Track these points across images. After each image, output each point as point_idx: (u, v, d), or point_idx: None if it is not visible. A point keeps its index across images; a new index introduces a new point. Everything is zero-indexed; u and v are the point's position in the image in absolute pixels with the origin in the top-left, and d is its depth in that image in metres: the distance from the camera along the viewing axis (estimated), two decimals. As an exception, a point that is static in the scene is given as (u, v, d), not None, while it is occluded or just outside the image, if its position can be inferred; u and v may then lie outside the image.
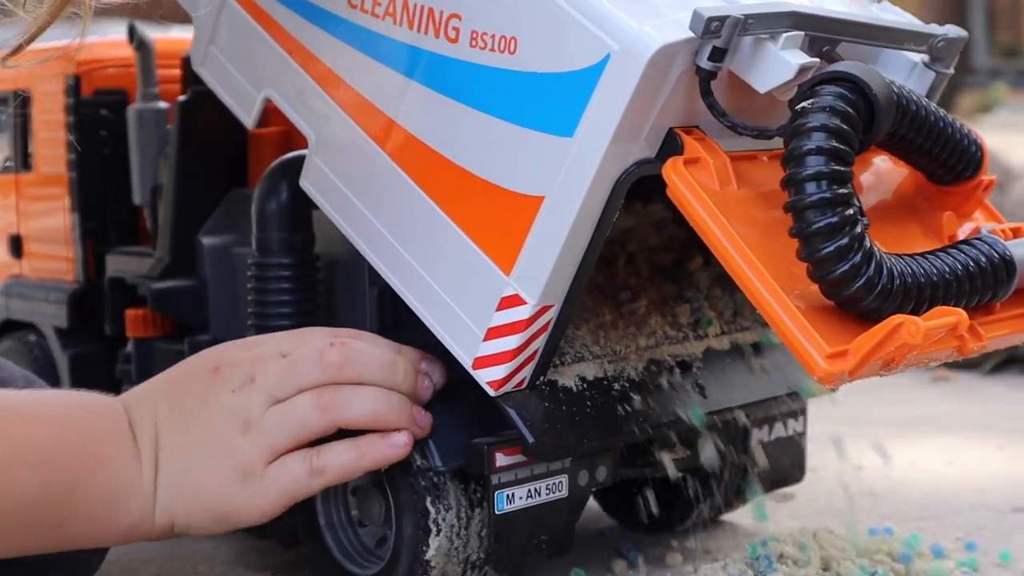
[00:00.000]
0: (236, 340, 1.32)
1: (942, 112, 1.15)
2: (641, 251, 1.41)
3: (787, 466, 1.50)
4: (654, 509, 1.41)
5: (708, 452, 1.34)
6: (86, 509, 1.19)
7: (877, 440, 1.96)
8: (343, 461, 1.23)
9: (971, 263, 1.11)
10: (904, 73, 1.21)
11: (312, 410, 1.22)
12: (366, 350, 1.25)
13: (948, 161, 1.18)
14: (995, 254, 1.13)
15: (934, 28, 1.21)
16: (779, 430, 1.47)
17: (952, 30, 1.21)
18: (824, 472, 1.83)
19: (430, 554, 1.24)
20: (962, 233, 1.22)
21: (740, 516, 1.62)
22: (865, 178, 1.23)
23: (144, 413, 1.26)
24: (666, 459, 1.35)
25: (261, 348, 1.28)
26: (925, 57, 1.21)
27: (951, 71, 1.21)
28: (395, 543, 1.27)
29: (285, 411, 1.23)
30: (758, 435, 1.45)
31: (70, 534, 1.20)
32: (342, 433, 1.24)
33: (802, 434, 1.50)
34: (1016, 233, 1.20)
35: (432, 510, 1.24)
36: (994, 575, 1.42)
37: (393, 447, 1.23)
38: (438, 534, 1.24)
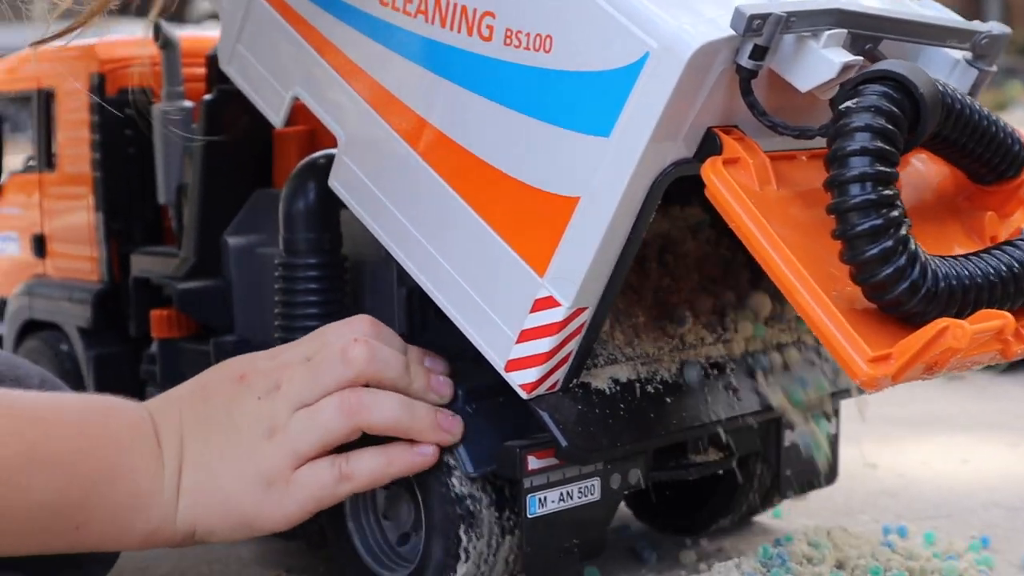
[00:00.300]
0: (261, 351, 1.31)
1: (987, 111, 1.13)
2: (676, 253, 1.40)
3: (819, 468, 1.48)
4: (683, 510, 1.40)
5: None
6: (103, 514, 1.19)
7: (869, 444, 1.98)
8: (371, 468, 1.22)
9: (1015, 264, 1.09)
10: (946, 70, 1.19)
11: (336, 414, 1.21)
12: (387, 349, 1.24)
13: (991, 160, 1.16)
14: (1038, 255, 1.11)
15: (977, 25, 1.20)
16: (812, 432, 1.46)
17: (996, 27, 1.19)
18: (839, 470, 1.82)
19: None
20: (1004, 233, 1.20)
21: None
22: (905, 177, 1.21)
23: (170, 420, 1.25)
24: (698, 461, 1.34)
25: (285, 356, 1.27)
26: (967, 54, 1.19)
27: (994, 68, 1.19)
28: (422, 561, 1.26)
29: (310, 416, 1.22)
30: (790, 437, 1.43)
31: (87, 537, 1.19)
32: (367, 440, 1.23)
33: (835, 435, 1.49)
34: (1058, 234, 1.18)
35: (464, 538, 1.23)
36: (1008, 573, 1.41)
37: (422, 456, 1.22)
38: (467, 561, 1.23)
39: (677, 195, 1.30)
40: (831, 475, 1.51)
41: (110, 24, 1.43)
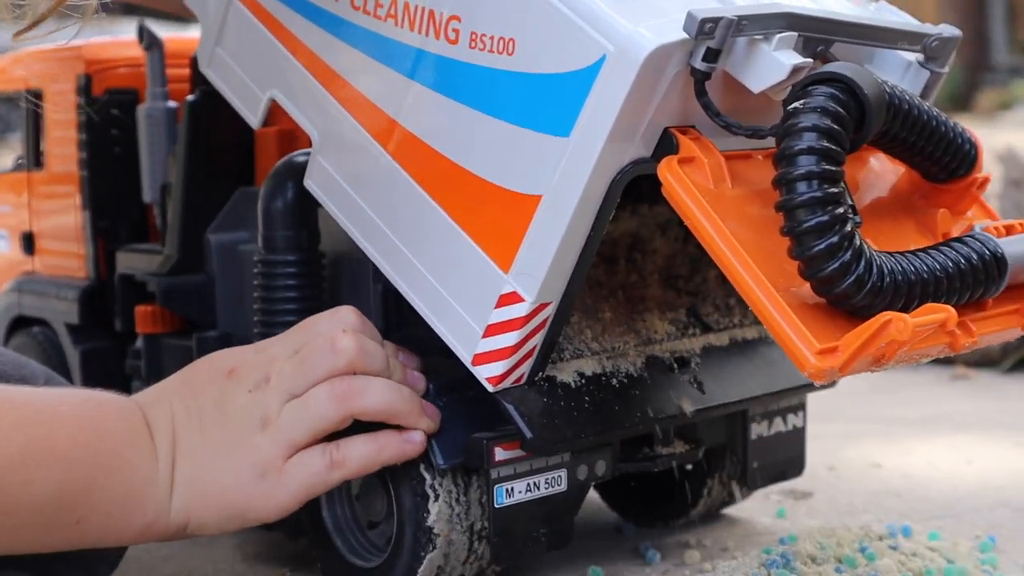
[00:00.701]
0: (247, 345, 1.34)
1: (935, 111, 1.16)
2: (644, 250, 1.43)
3: (786, 460, 1.51)
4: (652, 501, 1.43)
5: None
6: (103, 508, 1.21)
7: (874, 444, 1.99)
8: (362, 454, 1.25)
9: (962, 260, 1.13)
10: (899, 72, 1.22)
11: (328, 401, 1.24)
12: (372, 342, 1.27)
13: (942, 159, 1.19)
14: (987, 251, 1.14)
15: (928, 28, 1.23)
16: (779, 425, 1.49)
17: (947, 29, 1.22)
18: (843, 470, 1.83)
19: (426, 562, 1.26)
20: (957, 230, 1.23)
21: (758, 514, 1.63)
22: (861, 176, 1.24)
23: (160, 413, 1.27)
24: (664, 453, 1.37)
25: (273, 349, 1.30)
26: (920, 56, 1.22)
27: (946, 70, 1.22)
28: (393, 549, 1.29)
29: (301, 405, 1.25)
30: (757, 430, 1.46)
31: (86, 532, 1.21)
32: (357, 429, 1.26)
33: (802, 429, 1.52)
34: (1009, 230, 1.21)
35: (433, 527, 1.26)
36: (1014, 573, 1.42)
37: (411, 443, 1.25)
38: (434, 549, 1.26)
39: (648, 194, 1.34)
40: (798, 468, 1.54)
41: (100, 25, 1.46)
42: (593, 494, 1.61)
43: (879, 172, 1.25)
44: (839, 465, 1.86)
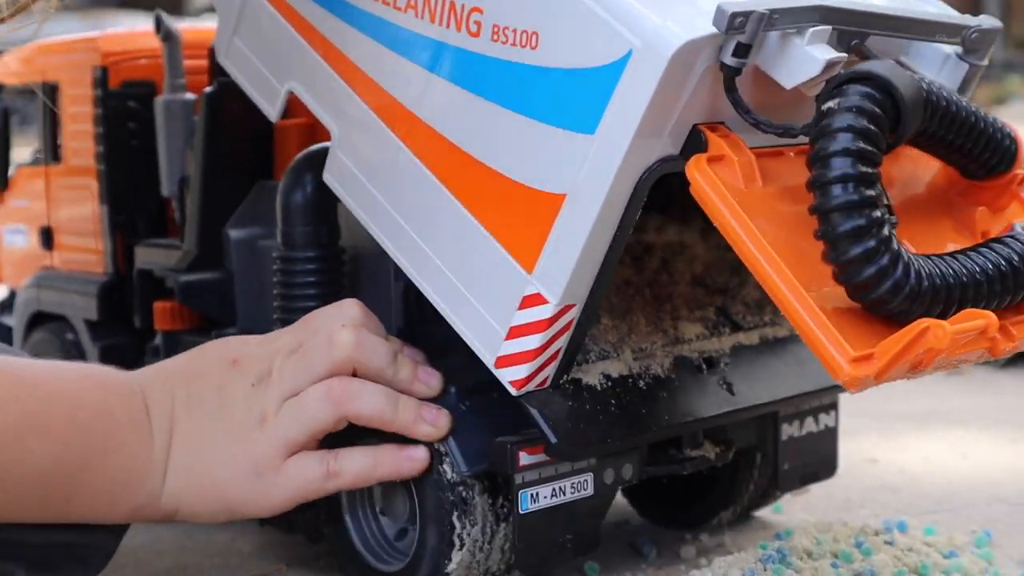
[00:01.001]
0: (255, 335, 1.32)
1: (974, 106, 1.12)
2: (672, 248, 1.40)
3: (818, 461, 1.48)
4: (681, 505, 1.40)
5: None
6: (95, 486, 1.20)
7: (870, 439, 1.97)
8: (359, 468, 1.23)
9: (1003, 262, 1.09)
10: (937, 65, 1.18)
11: (323, 402, 1.22)
12: (374, 337, 1.25)
13: (981, 156, 1.15)
14: (1028, 252, 1.10)
15: (967, 19, 1.18)
16: (810, 425, 1.45)
17: (986, 21, 1.17)
18: (839, 465, 1.80)
19: (451, 568, 1.24)
20: (996, 229, 1.19)
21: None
22: (896, 173, 1.20)
23: (161, 396, 1.25)
24: (693, 456, 1.34)
25: (279, 342, 1.28)
26: (958, 49, 1.18)
27: (985, 63, 1.18)
28: (417, 552, 1.27)
29: (298, 405, 1.23)
30: (788, 431, 1.43)
31: (76, 510, 1.20)
32: (360, 438, 1.24)
33: (834, 428, 1.48)
34: (1051, 229, 1.17)
35: (458, 525, 1.23)
36: (1010, 569, 1.40)
37: (410, 460, 1.23)
38: (461, 548, 1.23)
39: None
40: (831, 468, 1.50)
41: (117, 17, 1.44)
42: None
43: (915, 169, 1.21)
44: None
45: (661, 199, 1.33)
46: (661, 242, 1.40)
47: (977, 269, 1.07)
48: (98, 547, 1.26)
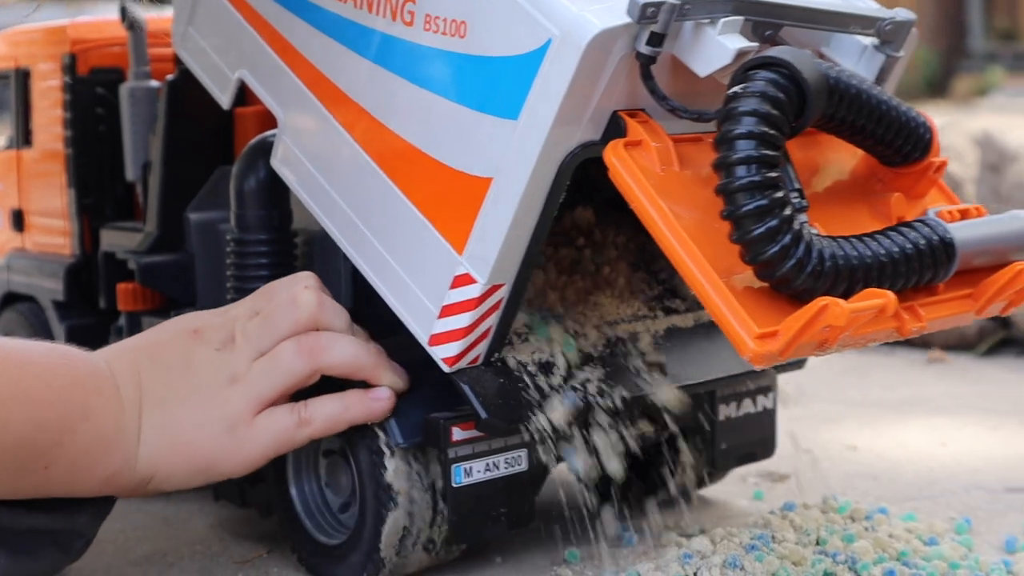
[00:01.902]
0: (210, 309, 1.36)
1: (886, 95, 1.16)
2: (604, 232, 1.43)
3: (756, 441, 1.51)
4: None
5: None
6: (72, 453, 1.22)
7: (850, 427, 1.98)
8: (329, 413, 1.27)
9: (909, 245, 1.12)
10: (855, 56, 1.22)
11: (295, 356, 1.26)
12: (332, 300, 1.30)
13: (895, 143, 1.18)
14: (935, 236, 1.14)
15: (882, 11, 1.22)
16: (748, 406, 1.49)
17: (900, 13, 1.21)
18: (819, 453, 1.83)
19: (388, 539, 1.28)
20: (912, 214, 1.22)
21: (735, 496, 1.63)
22: (818, 160, 1.24)
23: (126, 367, 1.28)
24: (627, 434, 1.37)
25: (236, 310, 1.32)
26: (875, 40, 1.22)
27: (901, 54, 1.21)
28: (357, 526, 1.31)
29: (270, 361, 1.27)
30: (726, 411, 1.46)
31: (53, 478, 1.22)
32: (326, 389, 1.28)
33: (772, 410, 1.52)
34: (964, 215, 1.21)
35: (395, 498, 1.27)
36: (989, 555, 1.41)
37: (377, 400, 1.26)
38: (398, 521, 1.28)
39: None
40: (769, 448, 1.54)
41: (101, 4, 1.48)
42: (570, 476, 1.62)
43: (837, 156, 1.25)
44: (815, 448, 1.85)
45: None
46: (599, 227, 1.44)
47: (883, 251, 1.10)
48: (78, 533, 1.28)
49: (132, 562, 1.44)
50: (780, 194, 1.04)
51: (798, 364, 1.46)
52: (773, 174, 1.04)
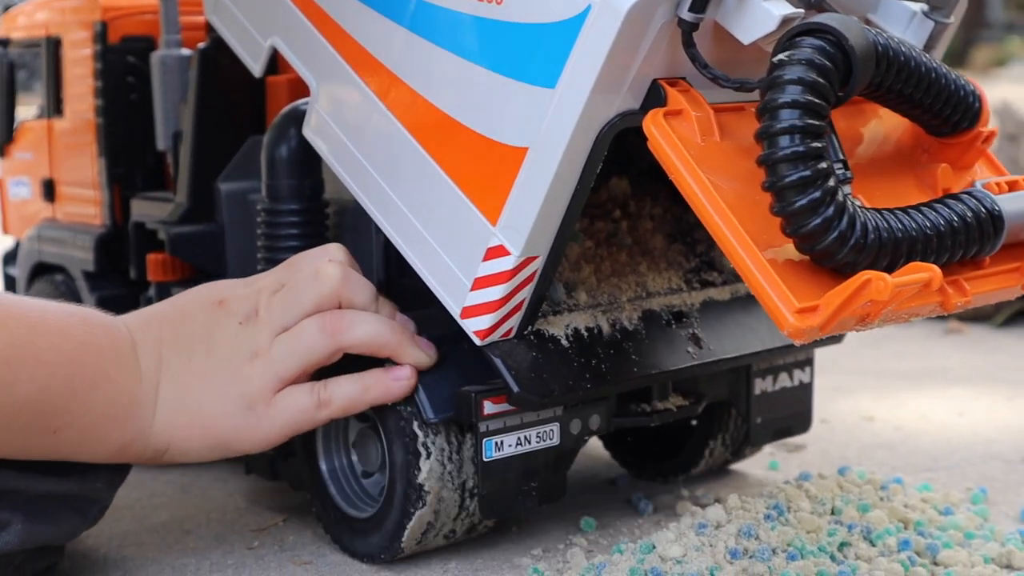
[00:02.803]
0: (236, 278, 1.34)
1: (936, 63, 1.13)
2: (641, 204, 1.41)
3: (792, 416, 1.49)
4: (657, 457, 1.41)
5: None
6: (82, 420, 1.21)
7: (867, 397, 1.97)
8: (348, 393, 1.25)
9: (956, 218, 1.09)
10: (903, 23, 1.18)
11: (318, 334, 1.24)
12: (357, 274, 1.28)
13: (943, 112, 1.15)
14: (983, 209, 1.11)
15: (932, -24, 1.19)
16: (784, 380, 1.46)
17: (950, -22, 1.18)
18: (835, 423, 1.83)
19: (418, 512, 1.26)
20: (959, 186, 1.19)
21: (751, 466, 1.62)
22: (863, 131, 1.21)
23: (148, 334, 1.27)
24: (660, 408, 1.36)
25: (262, 282, 1.30)
26: (924, 6, 1.19)
27: (951, 20, 1.18)
28: (386, 499, 1.29)
29: (291, 338, 1.25)
30: (761, 385, 1.44)
31: (63, 443, 1.21)
32: (347, 369, 1.26)
33: (808, 384, 1.49)
34: (1012, 187, 1.18)
35: (424, 472, 1.25)
36: (1005, 525, 1.41)
37: (397, 380, 1.25)
38: (427, 494, 1.26)
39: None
40: (805, 423, 1.51)
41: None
42: (591, 444, 1.61)
43: (882, 127, 1.22)
44: (832, 418, 1.85)
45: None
46: (635, 199, 1.42)
47: (928, 224, 1.08)
48: (95, 498, 1.28)
49: (149, 529, 1.45)
50: (824, 165, 1.01)
51: (837, 338, 1.43)
52: (817, 144, 1.01)
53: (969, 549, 1.32)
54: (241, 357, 1.26)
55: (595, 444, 1.62)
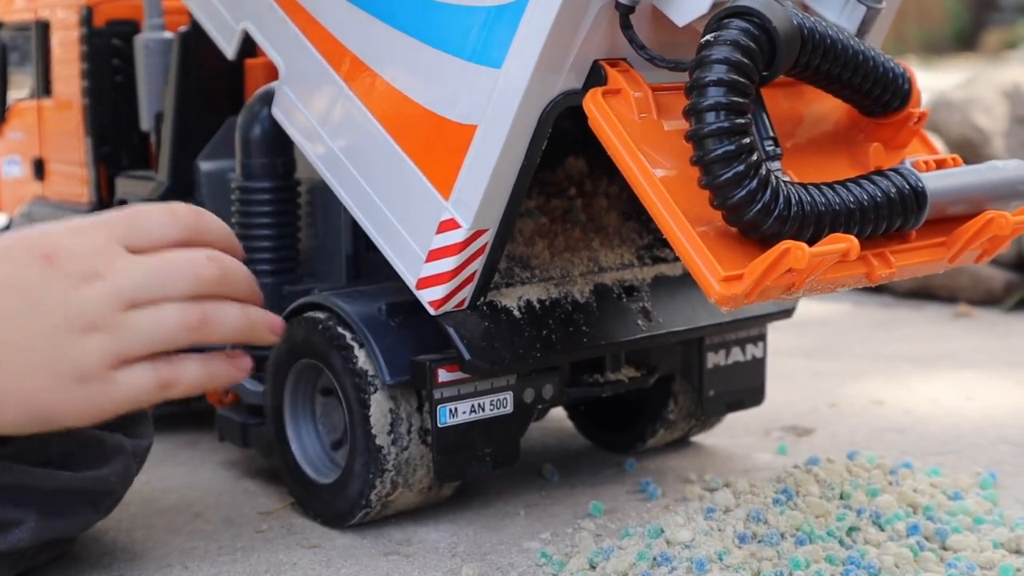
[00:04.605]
0: (52, 222, 1.20)
1: (865, 46, 1.17)
2: (596, 182, 1.46)
3: (744, 389, 1.54)
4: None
5: None
6: None
7: (876, 381, 1.98)
8: (193, 378, 1.18)
9: (880, 193, 1.14)
10: (837, 8, 1.23)
11: (179, 327, 1.15)
12: (236, 266, 1.20)
13: (873, 92, 1.20)
14: (907, 185, 1.16)
15: (862, -36, 1.24)
16: (737, 355, 1.51)
17: (880, -34, 1.23)
18: (844, 407, 1.84)
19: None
20: (890, 164, 1.24)
21: (759, 450, 1.64)
22: (801, 110, 1.26)
23: None
24: (612, 379, 1.41)
25: (95, 237, 1.15)
26: (856, -8, 1.23)
27: (882, 5, 1.23)
28: (348, 465, 1.35)
29: (148, 322, 1.14)
30: (714, 359, 1.49)
31: None
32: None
33: (762, 359, 1.54)
34: (940, 165, 1.22)
35: (384, 444, 1.31)
36: (1015, 510, 1.42)
37: (240, 370, 1.21)
38: (388, 465, 1.32)
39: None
40: (757, 397, 1.56)
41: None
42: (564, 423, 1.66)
43: (820, 107, 1.27)
44: (840, 402, 1.86)
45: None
46: (591, 178, 1.47)
47: (852, 198, 1.13)
48: (108, 491, 1.28)
49: (158, 512, 1.47)
50: (747, 140, 1.06)
51: (786, 313, 1.49)
52: (741, 120, 1.06)
53: (978, 534, 1.32)
54: (74, 326, 1.12)
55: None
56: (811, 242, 1.08)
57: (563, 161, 1.47)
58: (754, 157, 1.07)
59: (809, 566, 1.20)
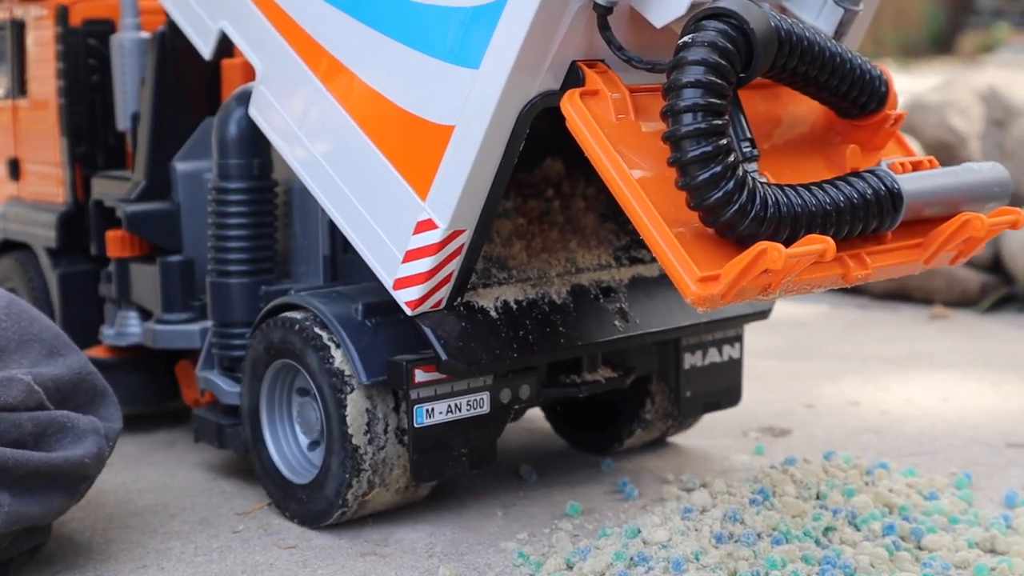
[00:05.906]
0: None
1: (842, 48, 1.18)
2: (574, 184, 1.46)
3: (721, 390, 1.54)
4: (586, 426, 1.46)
5: None
6: None
7: (852, 382, 1.99)
8: None
9: (856, 194, 1.15)
10: (815, 10, 1.24)
11: None
12: None
13: (850, 95, 1.21)
14: (883, 186, 1.17)
15: (839, -34, 1.24)
16: (713, 355, 1.52)
17: (857, -32, 1.23)
18: (821, 408, 1.85)
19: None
20: (867, 165, 1.25)
21: (736, 451, 1.64)
22: (780, 113, 1.27)
23: None
24: (589, 380, 1.41)
25: None
26: (833, -6, 1.24)
27: (860, 8, 1.23)
28: (324, 465, 1.35)
29: None
30: (691, 360, 1.49)
31: None
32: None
33: (738, 360, 1.54)
34: (916, 167, 1.23)
35: (360, 436, 1.31)
36: (989, 510, 1.43)
37: None
38: (363, 456, 1.31)
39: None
40: (734, 398, 1.57)
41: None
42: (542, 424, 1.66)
43: (797, 109, 1.27)
44: (817, 403, 1.87)
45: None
46: (569, 179, 1.47)
47: (828, 199, 1.13)
48: (82, 474, 1.28)
49: (134, 512, 1.47)
50: (725, 141, 1.07)
51: (763, 314, 1.49)
52: (719, 122, 1.07)
53: (953, 534, 1.33)
54: None
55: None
56: (787, 243, 1.09)
57: (541, 162, 1.47)
58: (731, 158, 1.07)
59: (785, 566, 1.20)
